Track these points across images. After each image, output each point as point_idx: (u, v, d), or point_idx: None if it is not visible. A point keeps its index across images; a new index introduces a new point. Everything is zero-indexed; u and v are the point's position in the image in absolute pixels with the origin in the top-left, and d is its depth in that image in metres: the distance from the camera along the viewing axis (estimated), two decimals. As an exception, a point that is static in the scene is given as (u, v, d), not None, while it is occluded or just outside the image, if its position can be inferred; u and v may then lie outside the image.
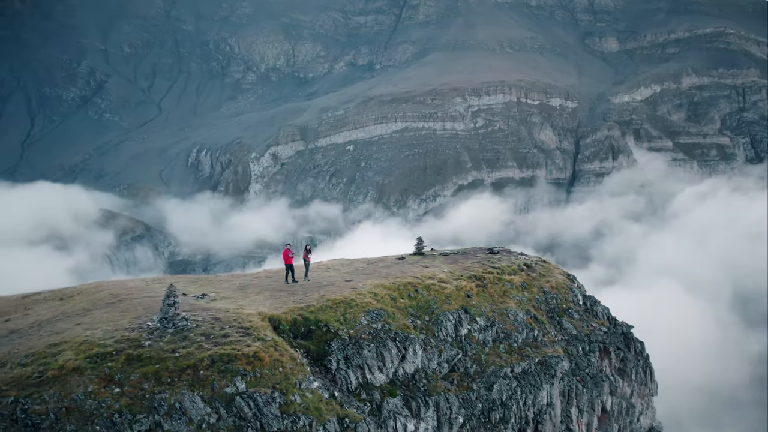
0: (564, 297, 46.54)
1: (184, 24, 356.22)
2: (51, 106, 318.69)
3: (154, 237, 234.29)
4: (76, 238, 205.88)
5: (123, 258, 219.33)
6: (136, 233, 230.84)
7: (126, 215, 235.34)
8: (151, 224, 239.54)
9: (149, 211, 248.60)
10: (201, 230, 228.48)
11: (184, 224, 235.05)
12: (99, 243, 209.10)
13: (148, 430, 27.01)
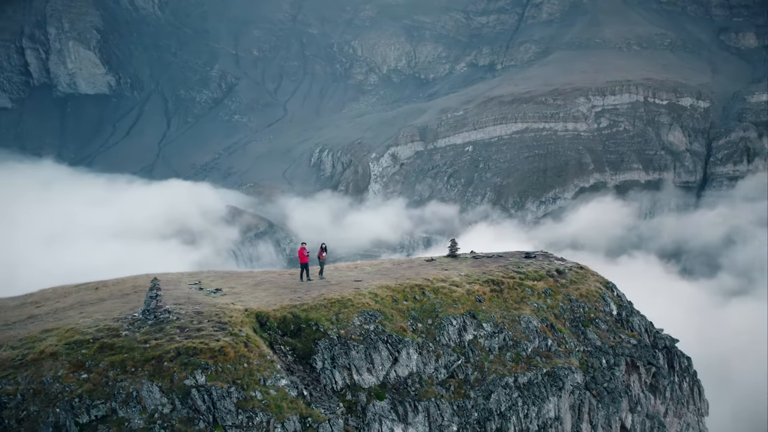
0: (593, 306, 44.14)
1: (310, 28, 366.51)
2: (185, 108, 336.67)
3: (276, 233, 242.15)
4: (203, 233, 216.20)
5: (247, 253, 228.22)
6: (260, 230, 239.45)
7: (251, 212, 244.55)
8: (274, 221, 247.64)
9: (273, 209, 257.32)
10: (320, 228, 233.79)
11: (304, 222, 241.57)
12: (224, 238, 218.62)
13: (104, 415, 28.00)
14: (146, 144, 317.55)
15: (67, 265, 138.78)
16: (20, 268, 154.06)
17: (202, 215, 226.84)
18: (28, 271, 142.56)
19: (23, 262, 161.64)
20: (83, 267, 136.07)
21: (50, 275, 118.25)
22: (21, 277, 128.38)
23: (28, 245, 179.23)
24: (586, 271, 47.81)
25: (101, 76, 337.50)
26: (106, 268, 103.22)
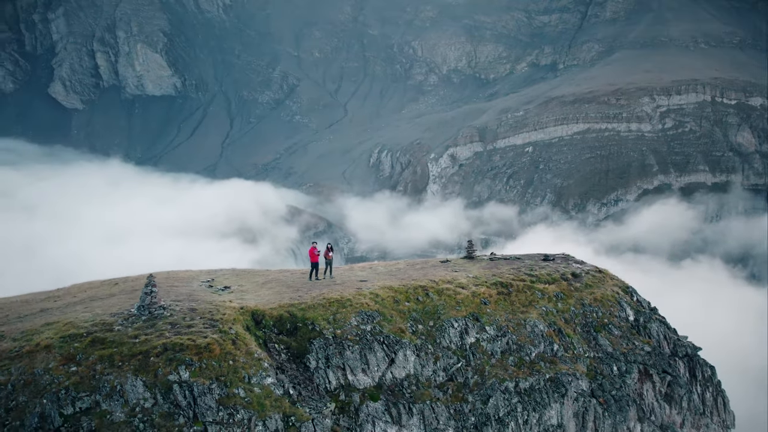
0: (608, 311, 42.91)
1: (370, 29, 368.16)
2: (248, 109, 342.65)
3: (334, 233, 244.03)
4: (263, 231, 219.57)
5: (305, 253, 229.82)
6: (319, 229, 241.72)
7: (310, 212, 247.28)
8: (333, 221, 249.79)
9: (331, 209, 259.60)
10: (378, 228, 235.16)
11: (363, 222, 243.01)
12: (284, 237, 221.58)
13: (88, 408, 28.60)
14: (210, 144, 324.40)
15: (129, 261, 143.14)
16: (85, 263, 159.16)
17: (262, 214, 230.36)
18: (92, 267, 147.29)
19: (88, 257, 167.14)
20: (144, 264, 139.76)
21: (112, 271, 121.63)
22: (84, 272, 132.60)
23: (94, 242, 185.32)
24: (605, 274, 46.50)
25: (167, 78, 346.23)
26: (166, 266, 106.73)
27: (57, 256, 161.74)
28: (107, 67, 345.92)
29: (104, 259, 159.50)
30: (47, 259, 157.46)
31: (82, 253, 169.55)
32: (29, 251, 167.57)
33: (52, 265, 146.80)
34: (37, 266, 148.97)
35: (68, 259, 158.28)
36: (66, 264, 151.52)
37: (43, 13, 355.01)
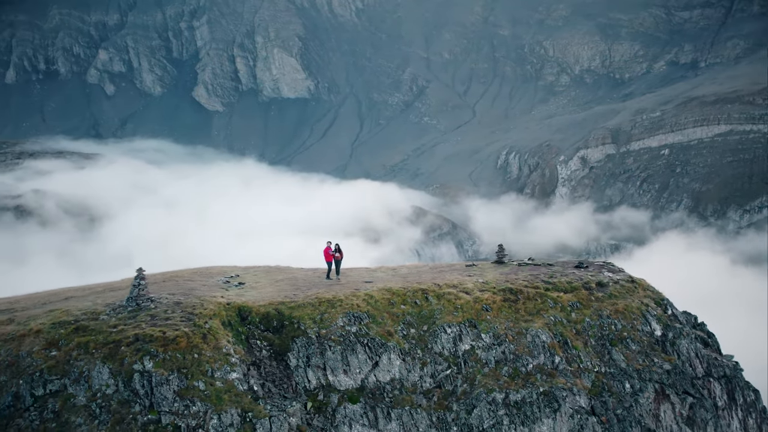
0: (629, 324, 39.71)
1: (501, 29, 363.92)
2: (378, 111, 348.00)
3: (459, 235, 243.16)
4: (387, 231, 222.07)
5: (429, 253, 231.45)
6: (443, 230, 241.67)
7: (434, 213, 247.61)
8: (458, 222, 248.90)
9: (456, 210, 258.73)
10: (503, 231, 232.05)
11: (487, 224, 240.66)
12: (407, 238, 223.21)
13: (57, 390, 30.32)
14: (340, 145, 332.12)
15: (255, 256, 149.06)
16: (213, 258, 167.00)
17: (387, 214, 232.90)
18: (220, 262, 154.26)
19: (217, 252, 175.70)
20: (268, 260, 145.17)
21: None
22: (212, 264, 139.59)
23: (225, 236, 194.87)
24: (638, 285, 43.09)
25: (302, 81, 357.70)
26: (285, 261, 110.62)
27: (190, 248, 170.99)
28: (246, 72, 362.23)
29: (233, 253, 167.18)
30: (182, 250, 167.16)
31: (213, 246, 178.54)
32: (167, 243, 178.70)
33: (185, 256, 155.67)
34: (172, 256, 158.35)
35: (200, 252, 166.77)
36: (197, 256, 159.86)
37: (189, 22, 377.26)
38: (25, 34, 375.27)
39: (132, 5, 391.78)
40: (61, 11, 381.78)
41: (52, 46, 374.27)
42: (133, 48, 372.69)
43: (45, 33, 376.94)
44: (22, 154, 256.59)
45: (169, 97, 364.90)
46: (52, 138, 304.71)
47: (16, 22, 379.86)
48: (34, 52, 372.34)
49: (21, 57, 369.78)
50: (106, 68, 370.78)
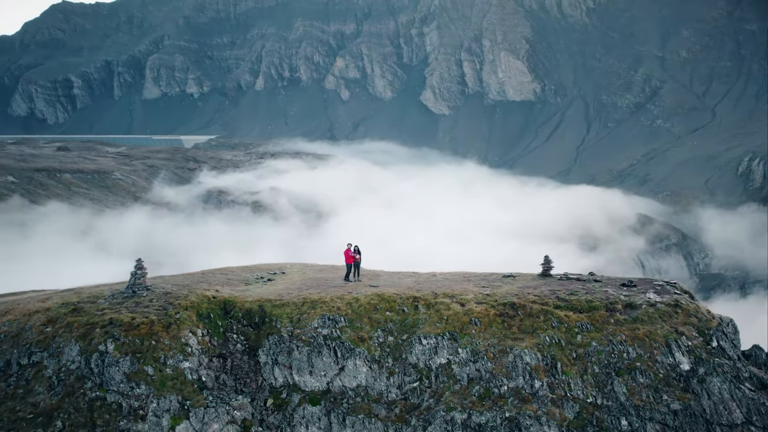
0: (646, 353, 34.58)
1: (748, 24, 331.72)
2: (606, 113, 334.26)
3: (688, 246, 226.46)
4: (606, 239, 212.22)
5: (654, 264, 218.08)
6: (671, 241, 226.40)
7: (662, 221, 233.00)
8: (688, 233, 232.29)
9: (687, 220, 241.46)
10: (738, 244, 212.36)
11: (721, 236, 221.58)
12: (629, 248, 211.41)
13: (37, 362, 33.98)
14: (565, 149, 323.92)
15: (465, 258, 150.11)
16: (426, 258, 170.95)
17: (608, 222, 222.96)
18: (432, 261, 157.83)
19: (430, 253, 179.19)
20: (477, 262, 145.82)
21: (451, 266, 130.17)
22: (425, 264, 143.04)
23: (439, 237, 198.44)
24: (683, 310, 37.16)
25: (527, 84, 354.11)
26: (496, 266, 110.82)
27: (406, 247, 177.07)
28: (472, 75, 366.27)
29: (445, 255, 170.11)
30: (397, 249, 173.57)
31: (427, 247, 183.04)
32: (384, 241, 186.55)
33: (400, 255, 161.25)
34: (388, 254, 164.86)
35: (414, 252, 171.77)
36: (411, 255, 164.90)
37: (420, 28, 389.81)
38: (274, 45, 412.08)
39: (367, 14, 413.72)
40: (304, 23, 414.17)
41: (296, 55, 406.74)
42: (367, 55, 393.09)
43: (290, 43, 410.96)
44: (264, 155, 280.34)
45: (398, 101, 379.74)
46: (292, 140, 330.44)
47: (267, 34, 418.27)
48: (280, 62, 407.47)
49: (269, 66, 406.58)
50: (342, 75, 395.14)
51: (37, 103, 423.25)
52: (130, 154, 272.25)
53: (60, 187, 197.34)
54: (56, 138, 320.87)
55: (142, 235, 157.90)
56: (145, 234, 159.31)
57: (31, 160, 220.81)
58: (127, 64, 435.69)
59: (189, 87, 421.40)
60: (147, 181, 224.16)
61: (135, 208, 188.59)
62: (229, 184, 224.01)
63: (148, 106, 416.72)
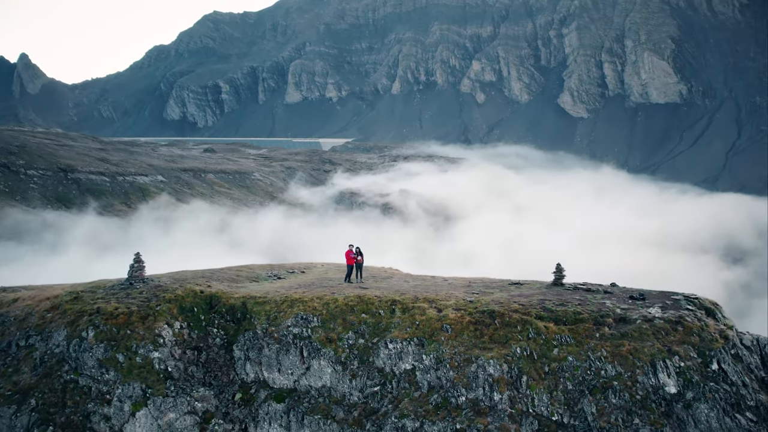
0: (627, 372, 31.72)
1: None
2: (760, 116, 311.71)
3: None
4: (754, 252, 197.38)
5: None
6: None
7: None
8: None
9: None
10: None
11: None
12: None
13: (31, 344, 36.92)
14: (713, 154, 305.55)
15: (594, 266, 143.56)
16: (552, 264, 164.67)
17: (756, 233, 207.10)
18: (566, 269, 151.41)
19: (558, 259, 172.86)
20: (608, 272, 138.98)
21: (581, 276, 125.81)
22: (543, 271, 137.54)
23: (569, 244, 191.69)
24: (687, 327, 33.61)
25: (673, 86, 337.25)
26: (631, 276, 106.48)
27: (532, 253, 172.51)
28: (613, 77, 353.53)
29: (576, 262, 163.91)
30: (522, 255, 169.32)
31: (554, 253, 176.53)
32: (511, 246, 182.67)
33: (526, 260, 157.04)
34: (513, 260, 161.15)
35: (540, 258, 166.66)
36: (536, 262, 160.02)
37: (558, 29, 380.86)
38: (411, 50, 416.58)
39: (504, 17, 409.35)
40: (441, 26, 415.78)
41: (432, 59, 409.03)
42: (504, 58, 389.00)
43: (426, 47, 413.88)
44: (397, 157, 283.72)
45: (534, 104, 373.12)
46: (425, 143, 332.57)
47: (404, 39, 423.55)
48: (416, 66, 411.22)
49: (405, 70, 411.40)
50: (478, 78, 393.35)
51: (189, 108, 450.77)
52: (270, 155, 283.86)
53: (204, 186, 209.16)
54: (204, 140, 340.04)
55: (275, 233, 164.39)
56: (277, 232, 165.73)
57: (180, 160, 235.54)
58: (271, 70, 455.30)
59: (328, 91, 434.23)
60: (284, 182, 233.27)
61: (271, 207, 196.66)
62: (361, 186, 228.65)
63: (289, 109, 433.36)
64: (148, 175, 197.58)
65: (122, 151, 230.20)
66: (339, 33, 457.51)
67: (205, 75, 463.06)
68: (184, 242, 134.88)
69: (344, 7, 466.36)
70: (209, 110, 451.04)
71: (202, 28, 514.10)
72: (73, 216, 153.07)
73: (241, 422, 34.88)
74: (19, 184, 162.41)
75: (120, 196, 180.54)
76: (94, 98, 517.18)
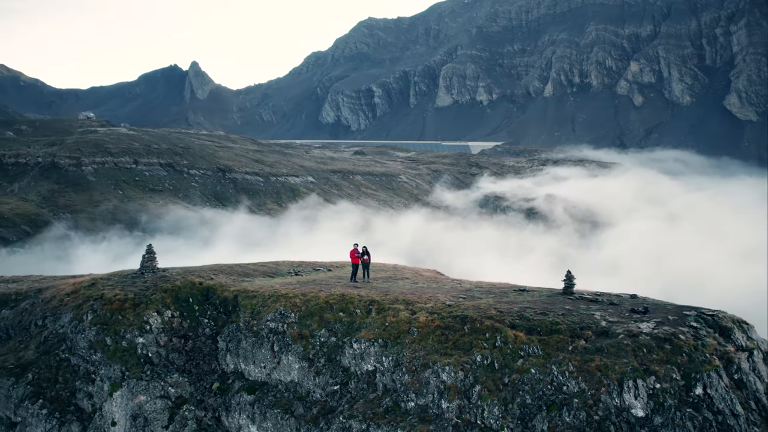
0: (591, 389, 28.65)
1: None
2: None
3: None
4: None
5: None
6: None
7: None
8: None
9: None
10: None
11: None
12: None
13: (44, 324, 40.85)
14: None
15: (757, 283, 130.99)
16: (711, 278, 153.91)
17: None
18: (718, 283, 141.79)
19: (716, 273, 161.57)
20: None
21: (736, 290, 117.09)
22: (710, 288, 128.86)
23: (725, 256, 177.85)
24: (676, 346, 29.92)
25: None
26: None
27: (683, 266, 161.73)
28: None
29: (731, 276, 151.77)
30: (673, 267, 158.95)
31: (708, 266, 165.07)
32: (660, 257, 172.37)
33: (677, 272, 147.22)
34: (663, 272, 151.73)
35: (693, 271, 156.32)
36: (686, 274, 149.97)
37: (726, 27, 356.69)
38: (565, 51, 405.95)
39: (666, 15, 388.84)
40: (597, 26, 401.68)
41: (587, 60, 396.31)
42: (664, 58, 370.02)
43: (581, 48, 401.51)
44: (547, 161, 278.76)
45: (697, 106, 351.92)
46: (577, 147, 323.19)
47: (558, 40, 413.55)
48: (570, 67, 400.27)
49: (559, 72, 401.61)
50: (635, 79, 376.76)
51: (343, 111, 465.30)
52: (417, 158, 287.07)
53: (351, 188, 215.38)
54: (355, 143, 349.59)
55: (416, 235, 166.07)
56: (418, 234, 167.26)
57: (330, 162, 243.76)
58: (422, 74, 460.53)
59: (479, 94, 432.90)
60: (429, 185, 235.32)
61: (414, 209, 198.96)
62: (506, 190, 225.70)
63: (439, 113, 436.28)
64: (299, 175, 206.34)
65: (277, 153, 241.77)
66: (491, 36, 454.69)
67: (358, 79, 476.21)
68: (326, 241, 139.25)
69: (497, 10, 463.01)
70: (362, 114, 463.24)
71: (357, 34, 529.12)
72: (228, 213, 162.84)
73: (214, 410, 35.88)
74: (182, 183, 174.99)
75: (272, 195, 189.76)
76: (256, 102, 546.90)
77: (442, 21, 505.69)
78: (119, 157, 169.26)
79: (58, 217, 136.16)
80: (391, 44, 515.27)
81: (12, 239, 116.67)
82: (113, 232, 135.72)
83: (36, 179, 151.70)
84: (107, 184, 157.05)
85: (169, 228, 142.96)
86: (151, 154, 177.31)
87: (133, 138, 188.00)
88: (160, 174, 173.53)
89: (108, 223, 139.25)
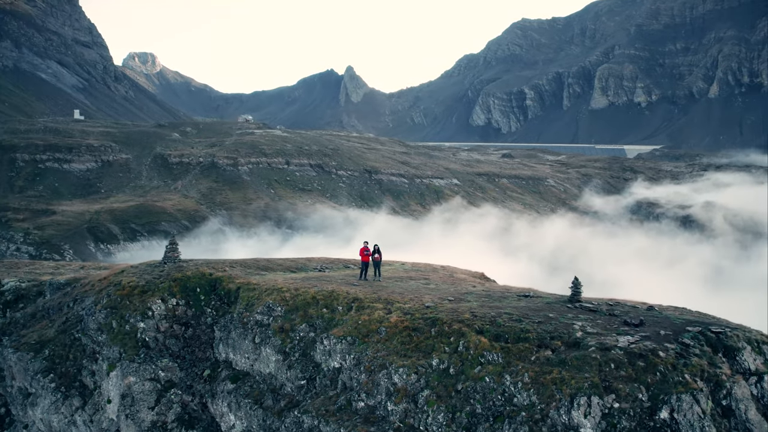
0: (542, 403, 26.48)
1: None
2: None
3: None
4: None
5: None
6: None
7: None
8: None
9: None
10: None
11: None
12: None
13: (72, 306, 44.53)
14: None
15: None
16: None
17: None
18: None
19: None
20: None
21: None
22: None
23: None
24: (651, 364, 26.85)
25: None
26: None
27: None
28: None
29: None
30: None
31: None
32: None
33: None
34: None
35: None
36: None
37: None
38: (732, 49, 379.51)
39: None
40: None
41: (758, 58, 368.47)
42: None
43: (751, 45, 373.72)
44: (708, 167, 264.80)
45: None
46: (743, 151, 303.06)
47: (725, 37, 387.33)
48: (738, 66, 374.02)
49: (725, 71, 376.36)
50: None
51: (494, 114, 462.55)
52: (567, 162, 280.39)
53: (496, 191, 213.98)
54: (504, 146, 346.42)
55: (560, 241, 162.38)
56: (562, 239, 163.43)
57: (476, 165, 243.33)
58: (576, 75, 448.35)
59: (636, 96, 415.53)
60: (578, 189, 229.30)
61: (560, 213, 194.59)
62: (661, 196, 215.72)
63: (594, 115, 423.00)
64: (444, 178, 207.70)
65: (423, 155, 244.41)
66: (651, 34, 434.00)
67: (510, 82, 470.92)
68: (464, 244, 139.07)
69: (658, 7, 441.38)
70: (513, 116, 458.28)
71: (510, 35, 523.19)
72: (372, 214, 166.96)
73: (202, 396, 37.36)
74: (330, 183, 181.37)
75: (416, 196, 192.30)
76: (408, 105, 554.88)
77: (599, 20, 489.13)
78: (272, 158, 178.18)
79: (215, 213, 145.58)
80: (545, 45, 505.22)
81: (173, 233, 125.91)
82: (263, 228, 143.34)
83: (197, 177, 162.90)
84: (260, 183, 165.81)
85: (315, 226, 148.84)
86: (302, 155, 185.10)
87: (286, 140, 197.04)
88: (309, 174, 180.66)
89: (259, 219, 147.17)
